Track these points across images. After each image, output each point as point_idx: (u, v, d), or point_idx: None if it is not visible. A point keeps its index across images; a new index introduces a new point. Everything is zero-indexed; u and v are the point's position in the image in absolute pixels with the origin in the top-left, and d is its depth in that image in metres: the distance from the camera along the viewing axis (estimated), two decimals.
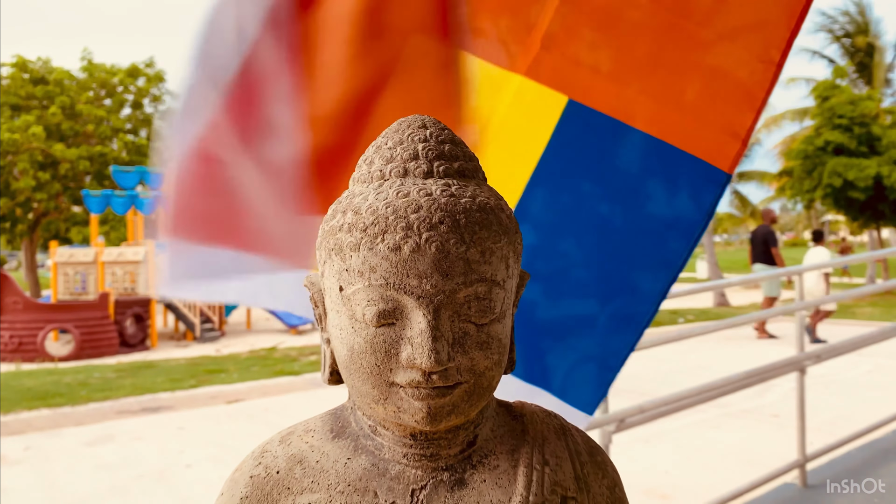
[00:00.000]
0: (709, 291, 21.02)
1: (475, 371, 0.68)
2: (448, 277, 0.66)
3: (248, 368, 10.09)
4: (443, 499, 0.72)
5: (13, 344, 12.58)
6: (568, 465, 0.77)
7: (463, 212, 0.68)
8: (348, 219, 0.69)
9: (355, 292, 0.67)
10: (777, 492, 4.27)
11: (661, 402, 3.43)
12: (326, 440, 0.76)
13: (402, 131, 0.75)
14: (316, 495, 0.72)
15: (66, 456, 5.81)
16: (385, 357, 0.67)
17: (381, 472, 0.72)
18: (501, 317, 0.71)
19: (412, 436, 0.72)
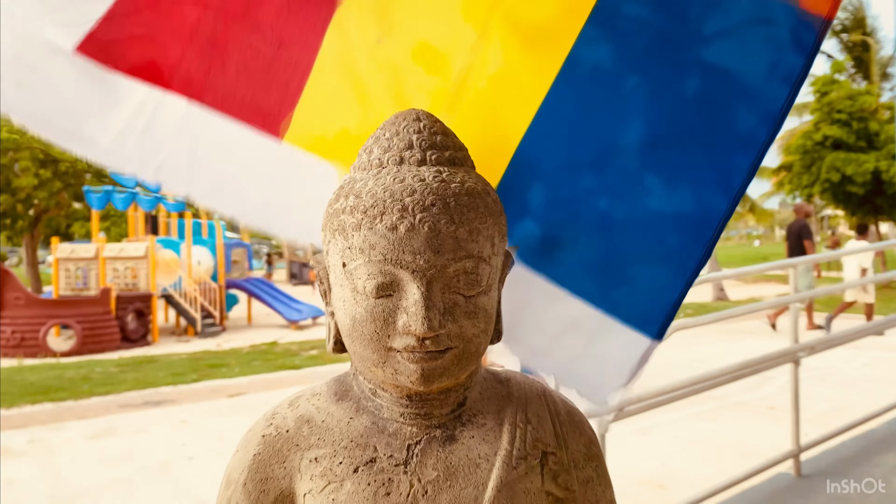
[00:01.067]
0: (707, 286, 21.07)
1: (464, 337, 0.75)
2: (439, 254, 0.73)
3: (250, 363, 10.16)
4: (435, 452, 0.79)
5: (15, 339, 12.64)
6: (548, 423, 0.84)
7: (453, 195, 0.75)
8: (350, 202, 0.76)
9: (357, 267, 0.74)
10: (771, 481, 4.33)
11: (658, 392, 3.49)
12: (331, 402, 0.83)
13: (397, 123, 0.82)
14: (322, 450, 0.79)
15: (69, 448, 5.87)
16: (383, 325, 0.74)
17: (380, 430, 0.79)
18: (487, 290, 0.77)
19: (408, 397, 0.79)
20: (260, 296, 16.96)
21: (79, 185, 22.24)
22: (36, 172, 21.12)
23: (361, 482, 0.77)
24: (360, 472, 0.77)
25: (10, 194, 21.60)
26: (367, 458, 0.78)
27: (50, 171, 21.47)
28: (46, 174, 21.21)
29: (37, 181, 21.10)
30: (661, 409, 6.30)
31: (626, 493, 4.42)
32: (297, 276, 31.46)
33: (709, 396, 6.85)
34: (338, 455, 0.78)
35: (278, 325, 16.27)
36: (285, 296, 17.51)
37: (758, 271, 4.30)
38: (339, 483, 0.77)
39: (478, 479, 0.79)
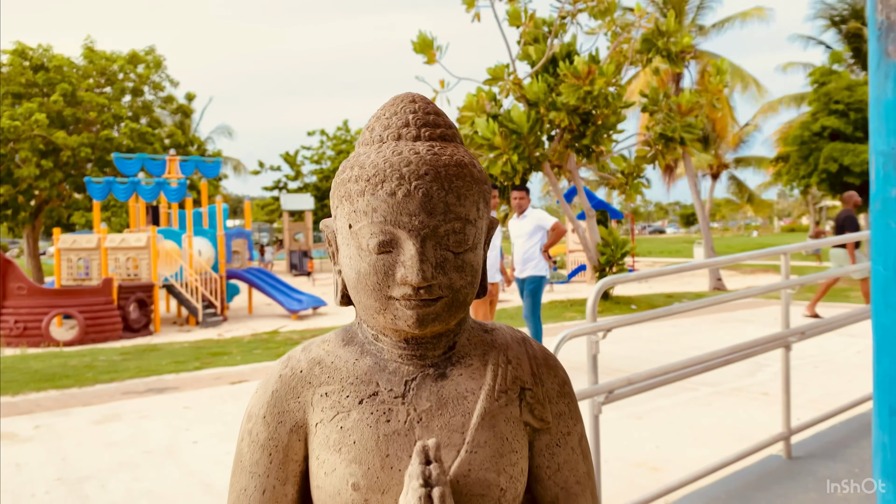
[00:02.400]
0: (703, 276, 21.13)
1: (453, 288, 0.87)
2: (432, 216, 0.84)
3: (251, 351, 10.27)
4: (429, 387, 0.91)
5: (18, 329, 12.75)
6: (526, 365, 0.96)
7: (443, 166, 0.86)
8: (355, 172, 0.88)
9: (361, 228, 0.86)
10: (762, 463, 4.44)
11: (649, 375, 3.58)
12: (339, 347, 0.95)
13: (396, 105, 0.94)
14: (331, 387, 0.91)
15: (75, 433, 5.98)
16: (384, 277, 0.85)
17: (381, 369, 0.92)
18: (473, 248, 0.89)
19: (405, 340, 0.91)
20: (260, 286, 17.06)
21: (80, 175, 22.31)
22: (37, 162, 21.18)
23: (365, 412, 0.89)
24: (364, 403, 0.89)
25: (12, 185, 21.66)
26: (371, 391, 0.90)
27: (51, 161, 21.53)
28: (48, 164, 21.27)
29: (38, 171, 21.16)
30: (656, 395, 6.44)
31: (620, 475, 4.53)
32: (297, 266, 31.56)
33: (703, 383, 6.98)
34: (345, 390, 0.90)
35: (279, 315, 16.38)
36: (286, 286, 17.60)
37: (747, 258, 4.39)
38: (346, 413, 0.89)
39: (465, 408, 0.91)
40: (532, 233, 7.36)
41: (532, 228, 7.37)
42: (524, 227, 7.41)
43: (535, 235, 7.39)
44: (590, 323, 3.40)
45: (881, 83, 1.54)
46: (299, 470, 0.92)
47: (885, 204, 1.53)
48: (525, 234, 7.38)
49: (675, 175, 28.97)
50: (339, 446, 0.87)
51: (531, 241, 7.38)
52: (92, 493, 4.51)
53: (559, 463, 0.95)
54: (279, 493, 0.91)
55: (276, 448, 0.91)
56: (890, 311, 1.53)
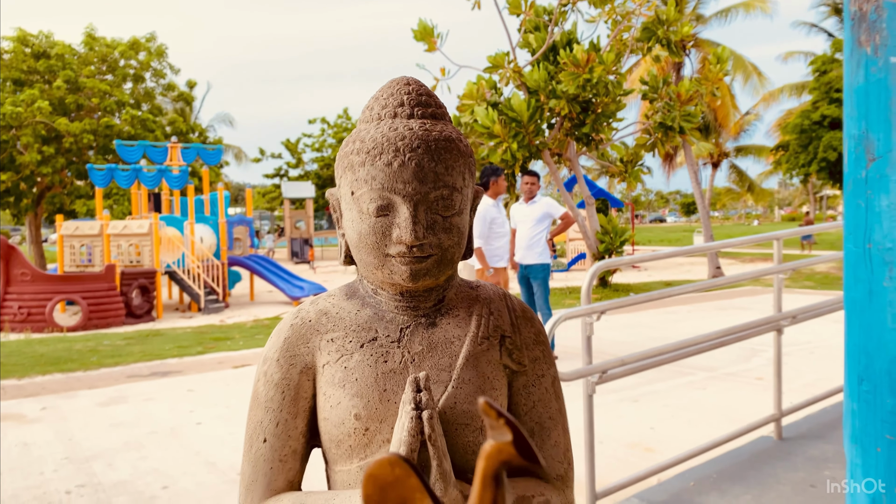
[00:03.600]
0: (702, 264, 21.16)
1: (441, 247, 0.99)
2: (423, 183, 0.96)
3: (253, 336, 10.38)
4: (421, 334, 1.04)
5: (22, 315, 12.87)
6: (506, 316, 1.09)
7: (433, 141, 0.98)
8: (356, 146, 0.99)
9: (362, 194, 0.97)
10: (754, 444, 4.54)
11: (642, 356, 3.68)
12: (343, 300, 1.08)
13: (392, 87, 1.06)
14: (336, 333, 1.04)
15: (81, 415, 6.10)
16: (382, 237, 0.97)
17: (380, 318, 1.04)
18: (459, 212, 1.01)
19: (401, 293, 1.04)
20: (262, 273, 17.16)
21: (81, 162, 22.37)
22: (39, 149, 21.23)
23: (366, 354, 1.01)
24: (365, 347, 1.02)
25: (14, 171, 21.73)
26: (370, 337, 1.02)
27: (53, 147, 21.58)
28: (49, 151, 21.32)
29: (40, 158, 21.21)
30: (652, 379, 6.55)
31: (615, 455, 4.65)
32: (299, 254, 31.66)
33: (699, 368, 7.09)
34: (348, 336, 1.03)
35: (280, 302, 16.50)
36: (287, 273, 17.71)
37: (739, 243, 4.47)
38: (349, 355, 1.01)
39: (452, 351, 1.04)
40: (540, 219, 7.33)
41: (541, 215, 7.33)
42: (533, 213, 7.34)
43: (543, 222, 7.36)
44: (584, 306, 3.49)
45: (854, 71, 1.64)
46: (308, 406, 1.04)
47: (856, 184, 1.62)
48: (533, 220, 7.32)
49: (674, 164, 28.99)
50: (344, 383, 1.00)
51: (538, 228, 7.33)
52: (99, 471, 4.63)
53: (534, 401, 1.06)
54: (290, 425, 1.03)
55: (288, 386, 1.03)
56: (859, 285, 1.63)
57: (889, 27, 1.53)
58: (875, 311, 1.58)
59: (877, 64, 1.56)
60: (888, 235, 1.54)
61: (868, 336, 1.62)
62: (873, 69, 1.58)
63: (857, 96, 1.64)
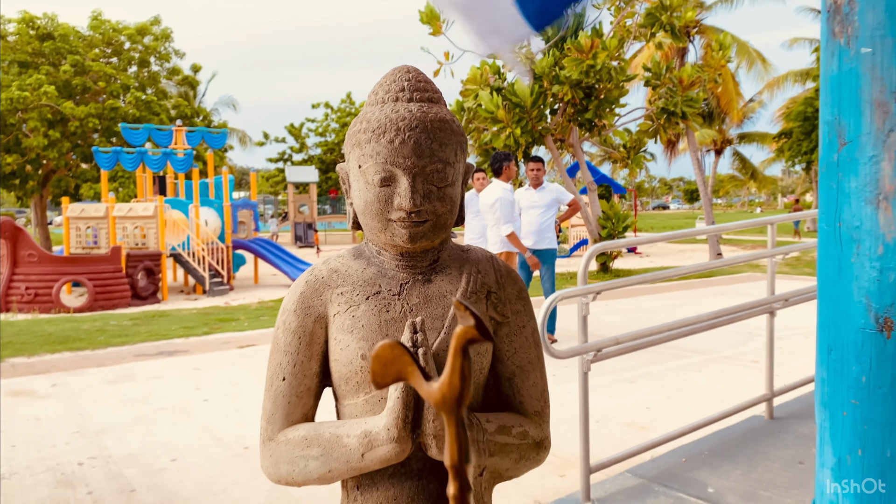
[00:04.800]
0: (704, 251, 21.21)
1: (436, 213, 1.13)
2: (420, 158, 1.10)
3: (258, 318, 10.52)
4: (418, 288, 1.19)
5: (29, 295, 13.02)
6: (492, 275, 1.23)
7: (430, 121, 1.12)
8: (363, 126, 1.14)
9: (368, 167, 1.12)
10: (745, 423, 4.67)
11: (636, 336, 3.79)
12: (351, 260, 1.22)
13: (395, 75, 1.20)
14: (345, 288, 1.19)
15: (90, 392, 6.24)
16: (385, 204, 1.12)
17: (382, 275, 1.19)
18: (452, 184, 1.16)
19: (401, 254, 1.18)
20: (266, 256, 17.30)
21: (87, 145, 22.48)
22: (45, 132, 21.34)
23: (371, 305, 1.16)
24: (370, 299, 1.17)
25: (20, 154, 21.85)
26: (375, 291, 1.17)
27: (58, 130, 21.69)
28: (55, 134, 21.43)
29: (46, 141, 21.33)
30: (649, 361, 6.67)
31: (611, 434, 4.78)
32: (302, 238, 31.79)
33: (696, 351, 7.22)
34: (355, 290, 1.17)
35: (284, 285, 16.64)
36: (291, 257, 17.85)
37: (734, 227, 4.57)
38: (356, 306, 1.16)
39: (445, 303, 1.18)
40: (550, 205, 7.41)
41: (550, 201, 7.41)
42: (542, 199, 7.40)
43: (553, 208, 7.45)
44: (581, 286, 3.61)
45: (829, 60, 1.74)
46: (321, 350, 1.19)
47: (828, 167, 1.74)
48: (543, 206, 7.38)
49: (677, 150, 29.02)
50: (352, 329, 1.14)
51: (548, 214, 7.40)
52: (110, 444, 4.77)
53: (516, 347, 1.21)
54: (306, 366, 1.18)
55: (303, 333, 1.17)
56: (830, 262, 1.75)
57: (860, 20, 1.63)
58: (843, 285, 1.69)
59: (849, 54, 1.67)
60: (856, 215, 1.65)
61: (837, 309, 1.73)
62: (846, 59, 1.68)
63: (830, 84, 1.74)
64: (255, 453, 4.55)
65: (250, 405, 5.65)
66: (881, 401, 1.60)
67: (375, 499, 1.11)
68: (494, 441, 1.10)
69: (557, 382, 6.13)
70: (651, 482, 3.86)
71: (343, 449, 1.07)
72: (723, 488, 3.74)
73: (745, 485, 3.75)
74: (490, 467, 1.11)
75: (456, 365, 0.56)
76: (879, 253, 1.59)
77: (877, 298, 1.60)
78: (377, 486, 1.11)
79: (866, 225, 1.60)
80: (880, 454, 1.61)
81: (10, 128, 21.45)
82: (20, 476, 4.21)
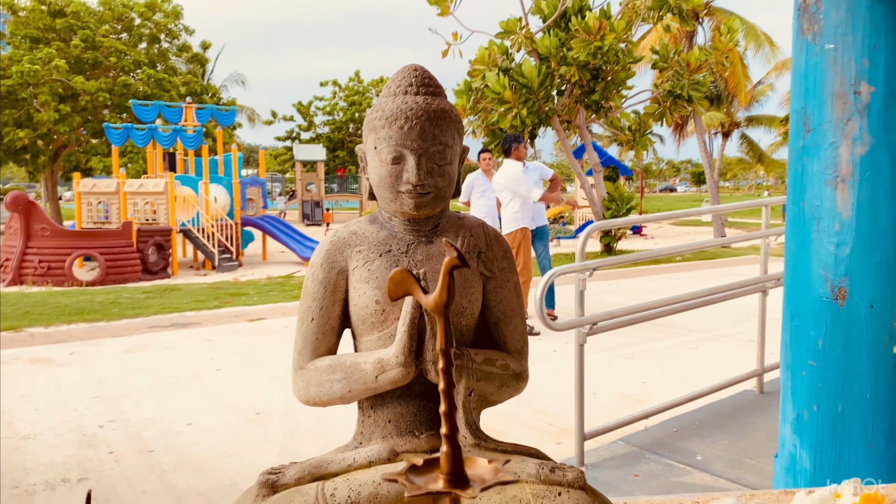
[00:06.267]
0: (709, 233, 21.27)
1: (437, 187, 1.35)
2: (425, 141, 1.32)
3: (268, 293, 10.75)
4: (422, 248, 1.40)
5: (42, 268, 13.28)
6: (482, 238, 1.45)
7: (433, 111, 1.34)
8: (378, 114, 1.35)
9: (382, 148, 1.33)
10: (736, 397, 4.87)
11: (631, 311, 3.98)
12: (367, 224, 1.44)
13: (404, 72, 1.42)
14: (362, 247, 1.40)
15: (107, 360, 6.48)
16: (395, 178, 1.34)
17: (393, 237, 1.41)
18: (450, 163, 1.37)
19: (408, 220, 1.40)
20: (274, 233, 17.51)
21: (97, 120, 22.66)
22: (56, 107, 21.52)
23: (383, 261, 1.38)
24: (382, 256, 1.38)
25: (31, 129, 22.05)
26: (386, 249, 1.39)
27: (69, 105, 21.87)
28: (66, 109, 21.61)
29: (57, 116, 21.51)
30: (646, 339, 6.87)
31: (608, 405, 4.98)
32: (310, 216, 31.99)
33: (694, 329, 7.40)
34: (371, 249, 1.40)
35: (292, 262, 16.87)
36: (299, 234, 18.05)
37: (730, 208, 4.74)
38: (371, 261, 1.38)
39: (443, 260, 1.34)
40: (537, 183, 7.64)
41: (536, 179, 7.64)
42: (530, 178, 7.64)
43: (539, 185, 7.69)
44: (578, 263, 3.79)
45: (797, 55, 1.92)
46: (342, 297, 1.41)
47: (795, 152, 1.92)
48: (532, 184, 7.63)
49: (685, 133, 29.03)
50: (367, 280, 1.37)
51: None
52: (128, 409, 5.01)
53: (501, 297, 1.43)
54: (330, 310, 1.40)
55: (328, 283, 1.40)
56: (795, 237, 1.94)
57: (825, 18, 1.80)
58: (805, 259, 1.88)
59: (814, 49, 1.84)
60: (817, 195, 1.83)
61: (799, 280, 1.92)
62: (812, 54, 1.85)
63: (798, 76, 1.91)
64: (266, 418, 4.77)
65: (262, 375, 5.87)
66: (834, 362, 1.78)
67: (385, 415, 1.33)
68: (481, 369, 1.32)
69: (557, 357, 6.34)
70: (643, 450, 4.07)
71: (361, 373, 1.29)
72: (711, 456, 3.95)
73: (732, 453, 3.96)
74: (477, 390, 1.33)
75: (444, 282, 0.77)
76: (836, 230, 1.76)
77: (833, 270, 1.78)
78: (387, 405, 1.34)
79: (826, 204, 1.78)
80: (832, 409, 1.79)
81: (22, 102, 21.64)
82: (45, 436, 4.45)
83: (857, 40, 1.70)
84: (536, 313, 3.51)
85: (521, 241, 7.34)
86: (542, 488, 1.15)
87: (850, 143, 1.72)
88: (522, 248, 7.36)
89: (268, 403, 5.08)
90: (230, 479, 3.78)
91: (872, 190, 1.70)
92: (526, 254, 7.32)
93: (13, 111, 21.67)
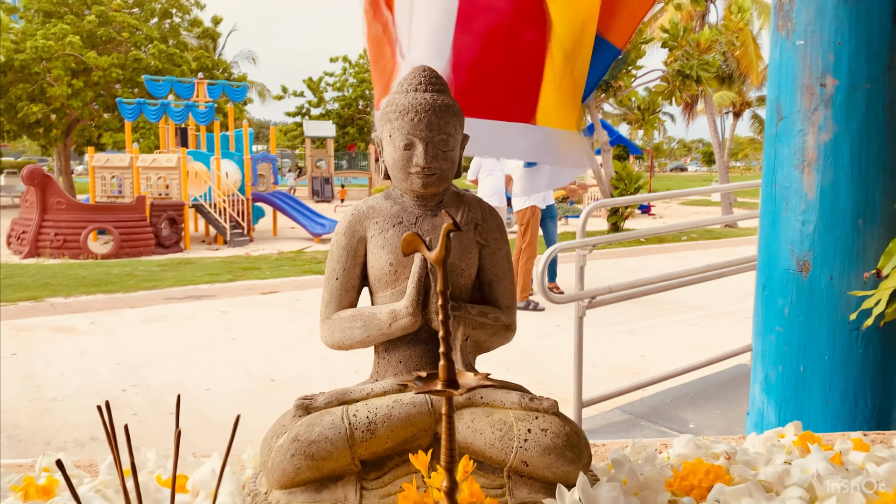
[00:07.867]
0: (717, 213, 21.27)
1: (441, 169, 1.56)
2: (431, 131, 1.53)
3: (279, 267, 10.99)
4: (428, 220, 1.61)
5: (58, 241, 13.56)
6: (479, 212, 1.67)
7: (438, 106, 1.54)
8: (392, 107, 1.56)
9: (395, 137, 1.54)
10: (731, 370, 5.07)
11: (629, 285, 4.16)
12: (382, 200, 1.66)
13: (415, 72, 1.61)
14: (378, 219, 1.63)
15: (127, 329, 6.73)
16: (407, 162, 1.54)
17: (404, 211, 1.63)
18: (452, 150, 1.59)
19: (417, 197, 1.62)
20: (285, 209, 17.73)
21: (110, 95, 22.86)
22: (69, 82, 21.72)
23: (396, 230, 1.60)
24: (395, 227, 1.60)
25: (45, 103, 22.28)
26: (399, 221, 1.61)
27: (82, 80, 22.06)
28: (79, 84, 21.80)
29: (70, 90, 21.72)
30: (648, 315, 7.06)
31: (607, 377, 5.19)
32: (319, 192, 32.19)
33: (695, 307, 7.59)
34: (386, 220, 1.62)
35: (302, 238, 17.10)
36: (309, 210, 18.26)
37: (730, 188, 4.89)
38: (386, 231, 1.60)
39: None
40: None
41: None
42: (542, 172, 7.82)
43: None
44: (579, 239, 3.98)
45: (773, 48, 2.10)
46: (361, 261, 1.64)
47: (769, 138, 2.10)
48: None
49: (695, 112, 28.99)
50: (383, 246, 1.59)
51: None
52: (149, 375, 5.25)
53: (494, 262, 1.66)
54: (351, 272, 1.63)
55: (350, 248, 1.63)
56: (767, 216, 2.12)
57: (797, 16, 1.97)
58: (775, 235, 2.07)
59: (787, 45, 2.01)
60: (787, 177, 2.02)
61: (770, 254, 2.11)
62: (785, 48, 2.03)
63: (773, 69, 2.09)
64: (280, 385, 5.01)
65: (276, 345, 6.11)
66: (798, 328, 1.98)
67: (397, 357, 1.58)
68: (476, 319, 1.58)
69: (560, 331, 6.56)
70: (638, 418, 4.29)
71: (377, 321, 1.55)
72: (703, 424, 4.16)
73: (724, 422, 4.17)
74: (472, 337, 1.58)
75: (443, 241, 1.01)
76: (802, 209, 1.95)
77: (798, 245, 1.97)
78: (398, 348, 1.59)
79: (794, 186, 1.97)
80: (795, 370, 1.99)
81: (35, 77, 21.85)
82: (72, 399, 4.70)
83: (824, 37, 1.88)
84: (539, 288, 3.70)
85: (529, 218, 7.52)
86: (522, 413, 1.43)
87: (815, 130, 1.90)
88: (531, 226, 7.54)
89: (282, 372, 5.32)
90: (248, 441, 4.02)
91: (835, 173, 1.89)
92: (533, 231, 7.51)
93: (27, 85, 21.89)
